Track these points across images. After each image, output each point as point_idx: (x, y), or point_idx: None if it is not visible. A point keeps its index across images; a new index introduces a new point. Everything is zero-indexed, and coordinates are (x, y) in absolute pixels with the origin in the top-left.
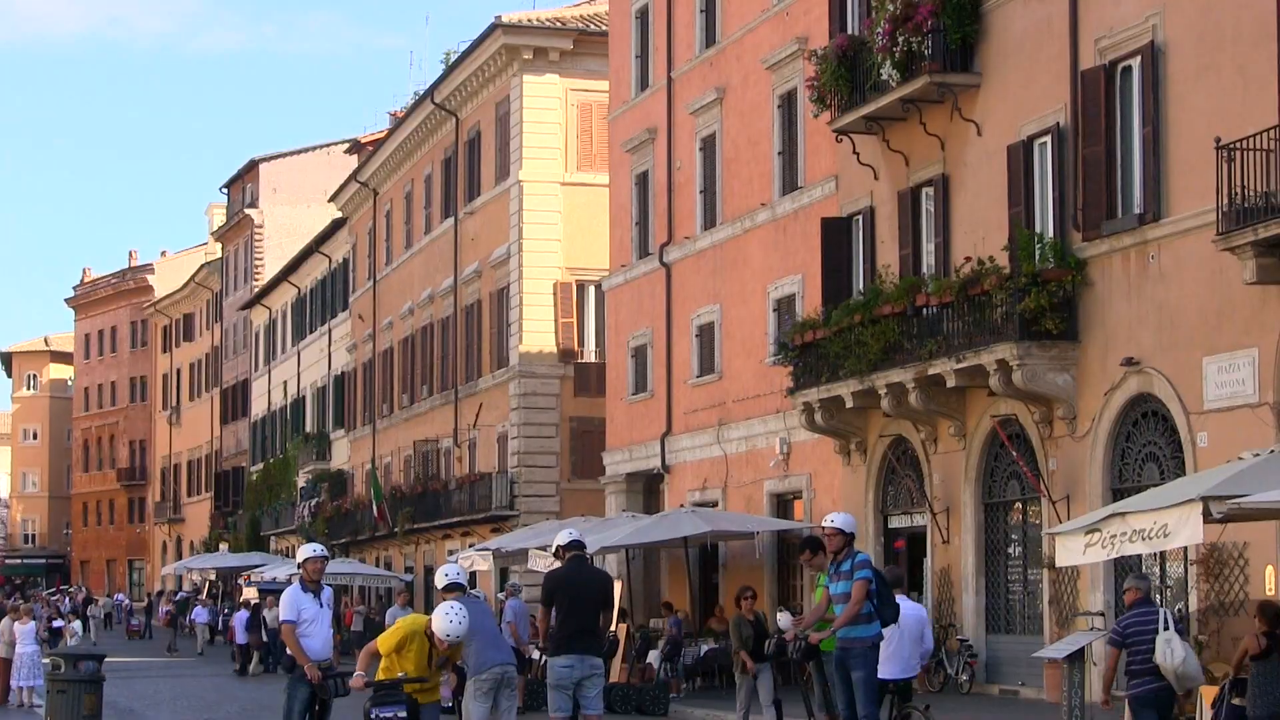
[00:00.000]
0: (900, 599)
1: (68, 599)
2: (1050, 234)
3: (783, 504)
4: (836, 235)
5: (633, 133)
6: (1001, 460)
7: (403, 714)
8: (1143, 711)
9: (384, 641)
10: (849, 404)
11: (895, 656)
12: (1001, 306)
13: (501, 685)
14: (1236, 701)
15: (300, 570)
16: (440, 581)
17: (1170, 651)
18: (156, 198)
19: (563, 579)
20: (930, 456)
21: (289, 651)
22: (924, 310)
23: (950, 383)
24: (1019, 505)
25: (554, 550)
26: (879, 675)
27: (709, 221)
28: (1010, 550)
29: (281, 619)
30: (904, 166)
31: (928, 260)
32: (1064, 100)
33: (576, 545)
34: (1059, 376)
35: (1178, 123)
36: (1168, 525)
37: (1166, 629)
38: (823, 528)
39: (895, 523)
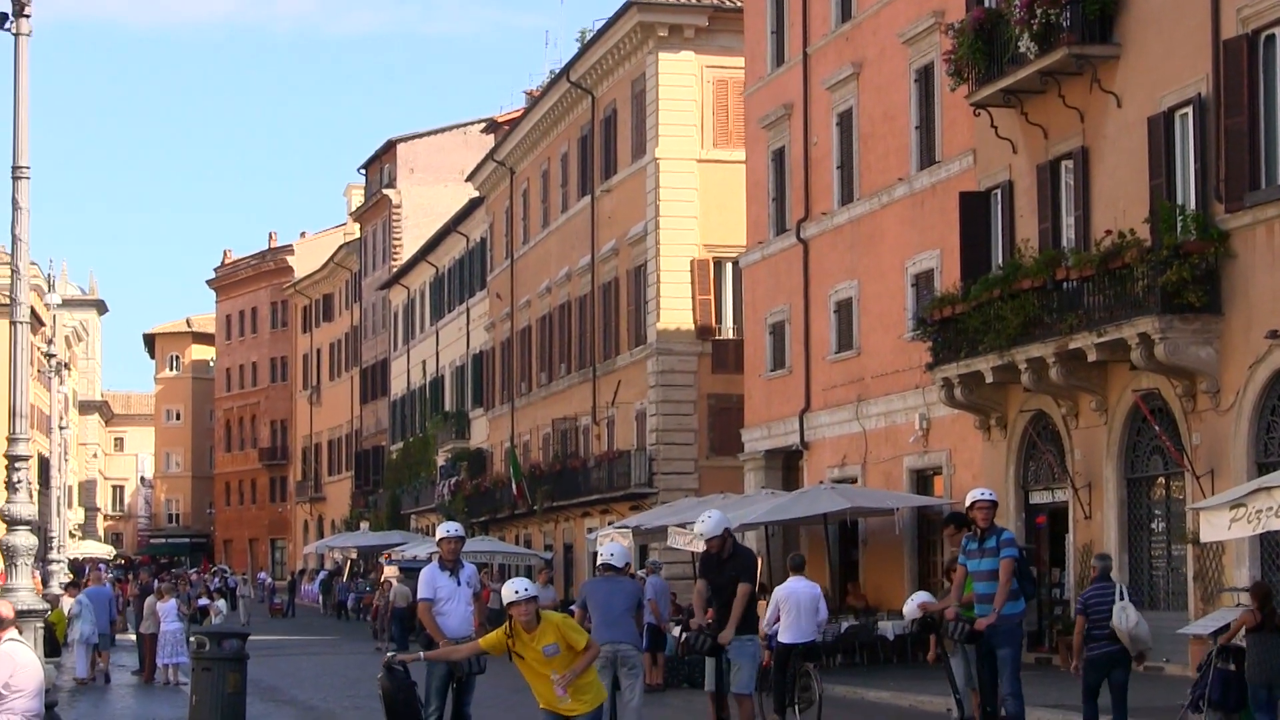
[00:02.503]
0: (797, 580)
1: (218, 578)
2: (1192, 206)
3: (922, 480)
4: (975, 209)
5: (769, 109)
6: (1144, 435)
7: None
8: (1091, 671)
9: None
10: (988, 379)
11: (795, 626)
12: (1143, 280)
13: (617, 664)
14: (1221, 664)
15: (438, 549)
16: (599, 559)
17: (1125, 617)
18: (296, 180)
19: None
20: (1071, 431)
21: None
22: (1064, 284)
23: (1091, 357)
24: (1162, 480)
25: (719, 533)
26: (783, 641)
27: (846, 197)
28: (1154, 526)
29: (419, 597)
30: (1042, 139)
31: (1067, 234)
32: (1205, 70)
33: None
34: (1202, 350)
35: None
36: None
37: (1122, 599)
38: (977, 501)
39: (1036, 498)
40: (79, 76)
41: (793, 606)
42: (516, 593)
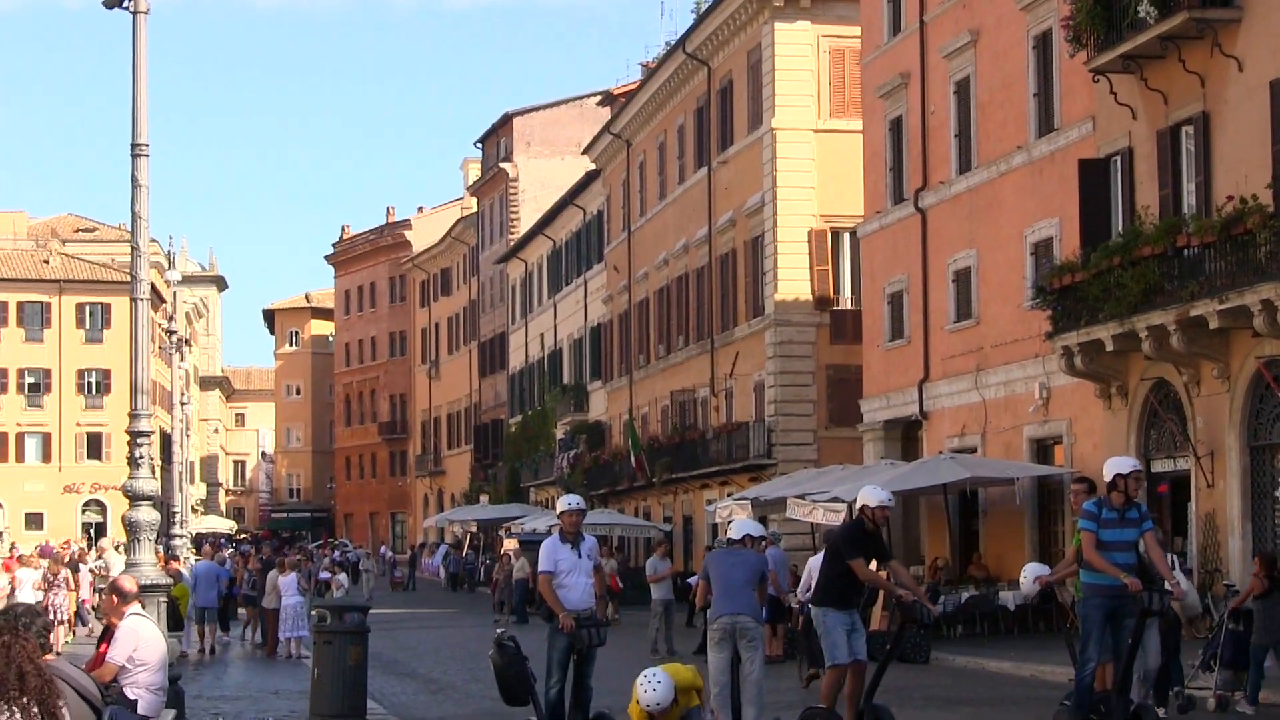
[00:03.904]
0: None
1: (337, 551)
2: None
3: (1042, 449)
4: (1094, 177)
5: (885, 78)
6: (1267, 402)
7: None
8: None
9: None
10: (1109, 347)
11: None
12: (1265, 245)
13: (736, 636)
14: (1232, 626)
15: (558, 522)
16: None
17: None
18: (413, 154)
19: None
20: (1193, 399)
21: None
22: (1185, 251)
23: (1213, 324)
24: None
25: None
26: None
27: (964, 165)
28: (1277, 494)
29: (539, 570)
30: (1162, 105)
31: (1188, 200)
32: None
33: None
34: None
35: None
36: None
37: (1174, 569)
38: (1134, 471)
39: (1158, 467)
40: (199, 53)
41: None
42: (648, 706)
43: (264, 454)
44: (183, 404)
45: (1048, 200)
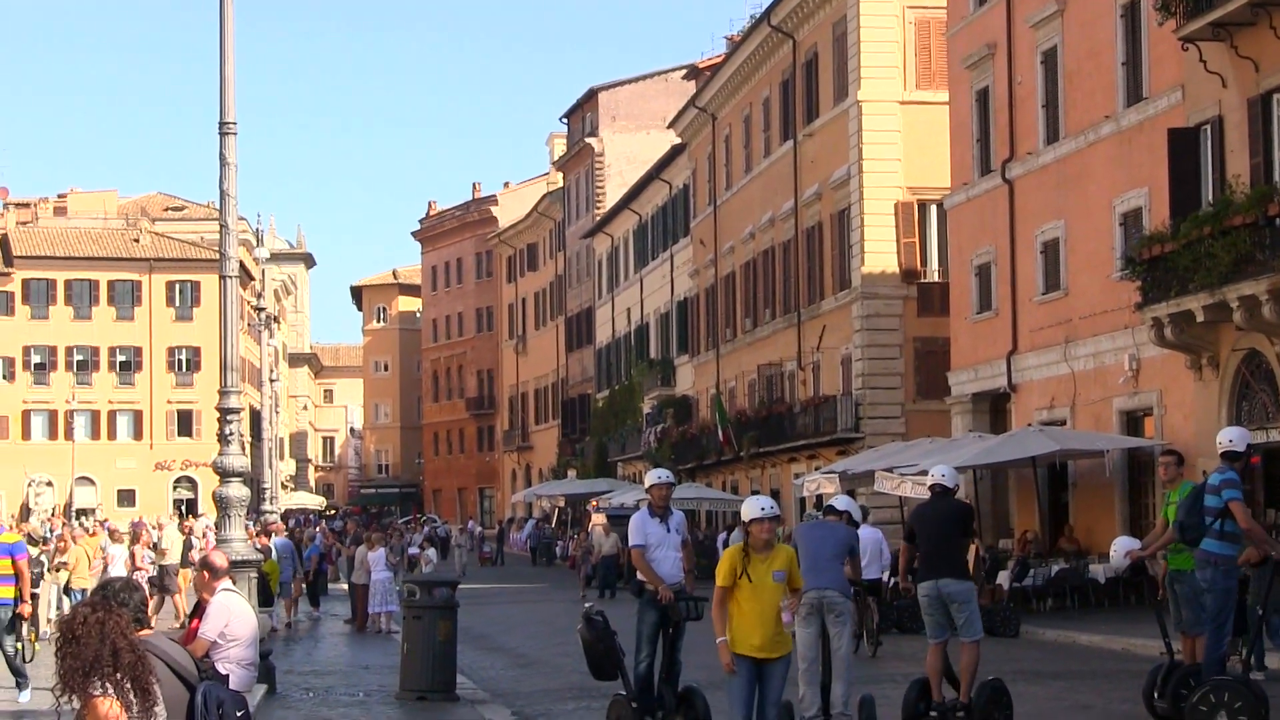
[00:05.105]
0: (865, 529)
1: (427, 526)
2: None
3: (1132, 421)
4: (1184, 146)
5: (972, 49)
6: None
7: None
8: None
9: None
10: (1199, 318)
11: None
12: None
13: (824, 611)
14: None
15: (647, 496)
16: None
17: None
18: (499, 130)
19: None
20: None
21: (639, 576)
22: (1276, 220)
23: None
24: None
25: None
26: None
27: (1051, 136)
28: None
29: (630, 544)
30: (1253, 73)
31: (1279, 169)
32: None
33: (939, 487)
34: None
35: None
36: None
37: None
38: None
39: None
40: (286, 32)
41: (863, 549)
42: (763, 509)
43: (352, 430)
44: (272, 381)
45: (1137, 170)
